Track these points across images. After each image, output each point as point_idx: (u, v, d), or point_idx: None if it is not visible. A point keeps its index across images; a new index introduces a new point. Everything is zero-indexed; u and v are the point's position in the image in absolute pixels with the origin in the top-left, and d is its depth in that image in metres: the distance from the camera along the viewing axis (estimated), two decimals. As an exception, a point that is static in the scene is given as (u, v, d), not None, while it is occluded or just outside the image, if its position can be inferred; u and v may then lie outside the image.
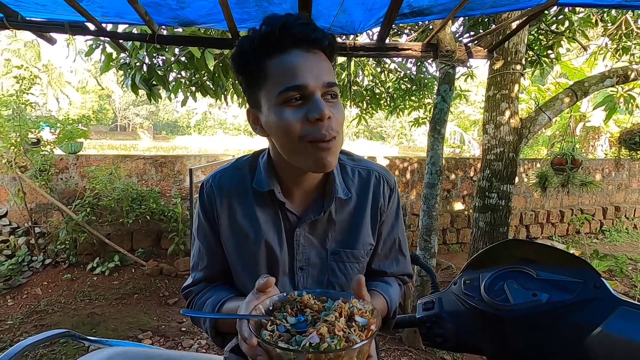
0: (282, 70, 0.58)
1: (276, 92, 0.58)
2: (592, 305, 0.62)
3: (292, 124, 0.58)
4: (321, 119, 0.57)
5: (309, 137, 0.58)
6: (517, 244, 0.81)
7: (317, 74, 0.58)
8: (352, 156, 0.77)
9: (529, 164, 5.18)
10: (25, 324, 2.52)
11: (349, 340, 0.46)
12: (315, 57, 0.59)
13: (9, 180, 3.35)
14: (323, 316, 0.51)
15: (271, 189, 0.68)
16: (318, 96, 0.58)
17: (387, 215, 0.76)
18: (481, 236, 2.90)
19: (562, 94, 2.78)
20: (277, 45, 0.58)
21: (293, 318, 0.51)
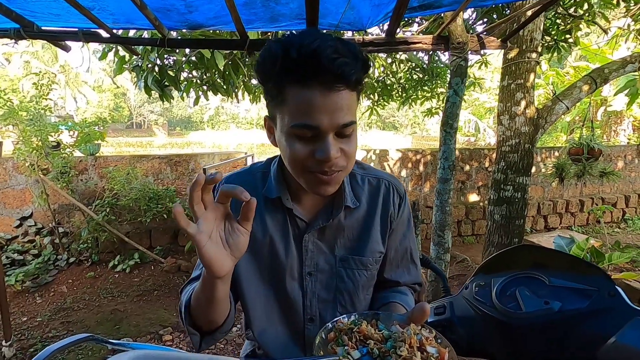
0: (299, 103, 0.56)
1: (290, 122, 0.57)
2: (606, 314, 0.61)
3: (299, 155, 0.58)
4: (327, 160, 0.57)
5: (313, 170, 0.59)
6: (529, 249, 0.80)
7: (334, 115, 0.56)
8: (362, 165, 0.78)
9: (547, 152, 5.04)
10: (53, 321, 2.64)
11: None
12: (337, 95, 0.55)
13: (32, 182, 3.48)
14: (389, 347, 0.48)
15: (279, 196, 0.69)
16: (329, 138, 0.57)
17: (397, 224, 0.76)
18: (496, 229, 2.86)
19: (580, 82, 2.69)
20: (300, 75, 0.55)
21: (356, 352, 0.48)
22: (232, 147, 18.77)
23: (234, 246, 0.52)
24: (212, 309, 0.60)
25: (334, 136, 0.57)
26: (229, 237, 0.52)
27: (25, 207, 3.54)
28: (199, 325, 0.64)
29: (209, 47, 2.06)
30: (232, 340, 2.48)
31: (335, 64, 0.53)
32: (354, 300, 0.73)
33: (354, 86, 0.57)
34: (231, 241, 0.52)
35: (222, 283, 0.55)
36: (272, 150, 18.15)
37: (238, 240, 0.52)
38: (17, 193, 3.51)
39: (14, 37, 1.81)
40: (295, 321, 0.73)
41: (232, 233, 0.52)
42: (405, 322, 0.54)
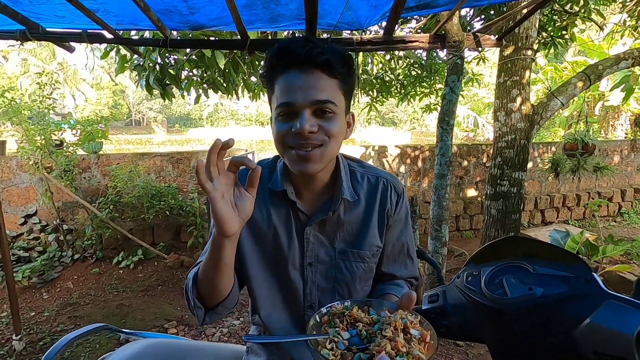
0: (280, 88, 0.66)
1: (275, 106, 0.67)
2: (583, 298, 0.66)
3: (280, 132, 0.67)
4: (301, 133, 0.64)
5: (291, 144, 0.66)
6: (517, 241, 0.85)
7: (307, 92, 0.64)
8: (362, 163, 0.83)
9: (544, 147, 5.10)
10: (61, 315, 2.71)
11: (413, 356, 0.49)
12: (310, 76, 0.65)
13: (36, 180, 3.53)
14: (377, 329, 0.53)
15: (284, 189, 0.75)
16: (305, 112, 0.64)
17: (395, 220, 0.81)
18: (493, 223, 2.92)
19: (574, 79, 2.73)
20: (279, 67, 0.66)
21: (346, 333, 0.53)
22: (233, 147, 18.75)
23: (241, 208, 0.59)
24: (219, 274, 0.65)
25: (311, 113, 0.65)
26: (237, 200, 0.59)
27: (30, 204, 3.59)
28: (204, 299, 0.69)
29: (211, 47, 2.11)
30: (235, 332, 2.54)
31: (305, 49, 0.64)
32: (351, 291, 0.78)
33: (329, 72, 0.66)
34: (239, 204, 0.59)
35: (229, 244, 0.61)
36: (270, 147, 18.16)
37: (245, 204, 0.59)
38: (22, 191, 3.56)
39: (20, 39, 1.85)
40: (297, 307, 0.78)
41: (240, 197, 0.59)
42: (395, 309, 0.59)
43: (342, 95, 0.69)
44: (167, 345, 0.98)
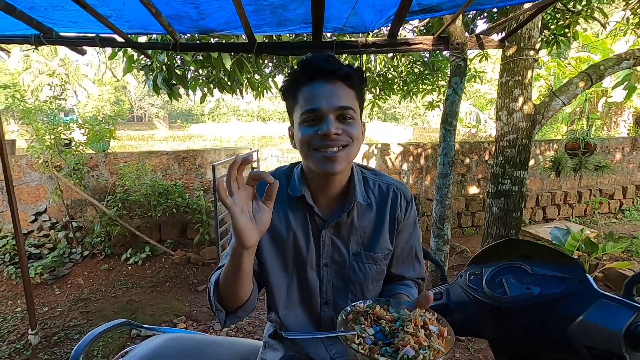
0: (306, 97, 0.74)
1: (300, 113, 0.73)
2: (577, 297, 0.71)
3: (307, 136, 0.73)
4: (327, 135, 0.70)
5: (316, 146, 0.72)
6: (516, 243, 0.91)
7: (331, 99, 0.72)
8: (375, 171, 0.89)
9: (546, 145, 5.13)
10: (73, 311, 2.79)
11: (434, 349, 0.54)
12: (334, 86, 0.73)
13: (46, 179, 3.60)
14: (399, 326, 0.58)
15: (302, 195, 0.80)
16: (330, 117, 0.71)
17: (404, 225, 0.87)
18: (495, 221, 2.97)
19: (576, 78, 2.77)
20: (305, 78, 0.74)
21: (371, 329, 0.59)
22: (233, 140, 18.82)
23: (259, 221, 0.63)
24: (238, 281, 0.70)
25: (335, 118, 0.72)
26: (256, 213, 0.64)
27: (40, 202, 3.66)
28: (225, 303, 0.75)
29: (220, 50, 2.15)
30: (242, 327, 2.62)
31: (328, 64, 0.73)
32: (363, 290, 0.84)
33: (349, 83, 0.74)
34: (258, 217, 0.63)
35: (248, 254, 0.66)
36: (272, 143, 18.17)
37: (263, 216, 0.64)
38: (32, 189, 3.63)
39: (35, 43, 1.90)
40: (313, 305, 0.84)
41: (258, 210, 0.64)
42: (412, 307, 0.65)
43: (358, 104, 0.77)
44: (187, 340, 1.04)
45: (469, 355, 2.27)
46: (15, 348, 2.32)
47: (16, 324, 2.60)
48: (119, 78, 25.56)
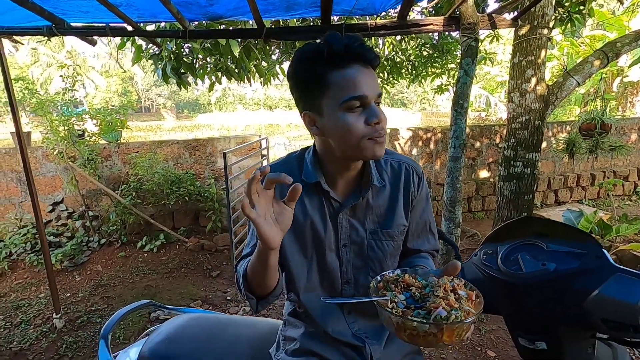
0: (344, 81, 0.70)
1: (340, 100, 0.70)
2: (593, 272, 0.72)
3: (355, 126, 0.71)
4: (379, 122, 0.71)
5: (369, 135, 0.72)
6: (531, 221, 0.91)
7: (373, 86, 0.72)
8: (386, 150, 0.90)
9: (559, 127, 5.03)
10: (94, 296, 2.89)
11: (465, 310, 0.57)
12: (370, 72, 0.72)
13: (62, 169, 3.68)
14: (428, 292, 0.61)
15: (318, 181, 0.81)
16: (374, 104, 0.72)
17: (418, 200, 0.88)
18: (506, 204, 2.96)
19: (591, 57, 2.70)
20: (337, 61, 0.70)
21: (402, 295, 0.62)
22: (241, 129, 18.84)
23: (282, 222, 0.65)
24: (266, 275, 0.73)
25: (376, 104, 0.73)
26: (278, 216, 0.65)
27: (57, 192, 3.76)
28: (254, 291, 0.78)
29: (229, 37, 2.15)
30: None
31: (364, 48, 0.71)
32: (382, 266, 0.86)
33: (374, 69, 0.75)
34: (280, 219, 0.65)
35: (274, 253, 0.69)
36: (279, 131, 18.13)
37: (285, 217, 0.65)
38: (48, 180, 3.72)
39: (47, 34, 1.92)
40: (334, 284, 0.86)
41: (280, 213, 0.65)
42: (440, 275, 0.68)
43: None
44: (209, 319, 1.09)
45: (481, 336, 2.30)
46: (41, 331, 2.43)
47: (41, 309, 2.71)
48: (126, 69, 25.64)
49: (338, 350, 0.84)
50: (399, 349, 0.86)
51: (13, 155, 3.61)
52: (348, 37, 0.71)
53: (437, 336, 0.56)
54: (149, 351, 0.96)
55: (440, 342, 0.56)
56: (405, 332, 0.58)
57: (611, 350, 0.78)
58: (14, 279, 3.21)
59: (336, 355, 0.84)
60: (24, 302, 2.82)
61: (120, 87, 29.34)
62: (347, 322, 0.86)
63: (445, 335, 0.56)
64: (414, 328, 0.56)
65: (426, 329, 0.55)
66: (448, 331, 0.55)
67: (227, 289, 3.00)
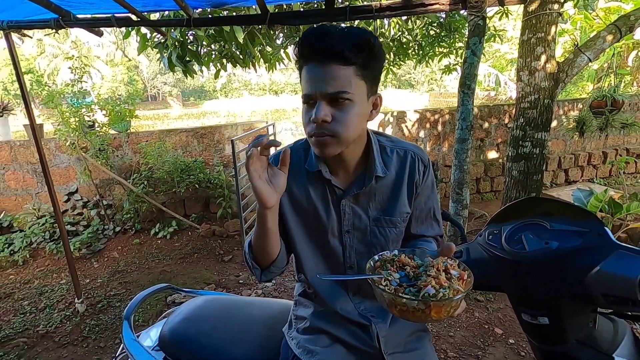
0: (304, 79, 0.74)
1: (302, 94, 0.76)
2: (594, 250, 0.74)
3: (305, 121, 0.76)
4: (316, 122, 0.72)
5: (311, 133, 0.75)
6: (536, 201, 0.92)
7: (321, 85, 0.71)
8: (391, 138, 0.91)
9: (569, 105, 4.93)
10: (112, 281, 3.00)
11: (454, 289, 0.60)
12: (325, 68, 0.70)
13: (74, 160, 3.76)
14: (422, 271, 0.64)
15: (319, 170, 0.84)
16: (321, 103, 0.72)
17: (423, 188, 0.89)
18: (514, 185, 2.95)
19: (604, 32, 2.62)
20: (303, 58, 0.74)
21: (396, 274, 0.65)
22: (247, 115, 18.78)
23: (276, 184, 0.72)
24: (266, 239, 0.79)
25: (327, 103, 0.72)
26: (272, 178, 0.72)
27: (71, 183, 3.86)
28: (258, 261, 0.84)
29: (233, 23, 2.14)
30: (269, 293, 2.77)
31: (323, 42, 0.69)
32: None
33: (344, 61, 0.70)
34: (274, 181, 0.72)
35: (271, 214, 0.75)
36: (285, 116, 18.05)
37: (279, 180, 0.73)
38: (62, 171, 3.81)
39: (54, 27, 1.94)
40: (338, 269, 0.89)
41: (274, 176, 0.73)
42: (435, 256, 0.70)
43: (360, 80, 0.73)
44: (225, 300, 1.14)
45: (488, 314, 2.35)
46: (65, 315, 2.55)
47: (63, 294, 2.84)
48: (131, 58, 25.58)
49: (346, 329, 0.88)
50: (405, 328, 0.89)
51: (27, 147, 3.69)
52: (311, 30, 0.72)
53: (425, 312, 0.59)
54: (169, 331, 1.02)
55: (429, 318, 0.60)
56: (396, 308, 0.61)
57: (612, 323, 0.81)
58: (35, 266, 3.35)
59: (344, 333, 0.88)
60: (46, 288, 2.95)
61: (126, 76, 29.33)
62: (353, 303, 0.89)
63: (433, 312, 0.59)
64: (404, 304, 0.59)
65: (415, 305, 0.58)
66: (435, 308, 0.58)
67: (239, 272, 3.09)
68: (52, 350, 2.23)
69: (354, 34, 0.70)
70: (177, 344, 0.99)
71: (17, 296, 2.85)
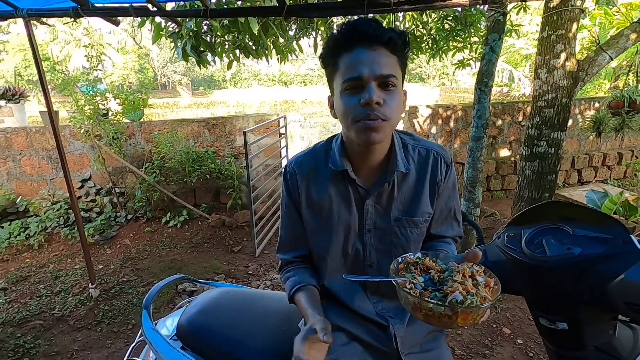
0: (347, 64, 0.73)
1: (341, 82, 0.74)
2: (618, 257, 0.73)
3: (349, 105, 0.73)
4: (369, 103, 0.71)
5: (359, 118, 0.72)
6: (557, 205, 0.91)
7: (373, 67, 0.71)
8: (414, 136, 0.90)
9: (586, 103, 4.83)
10: (124, 268, 3.06)
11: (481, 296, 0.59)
12: (374, 52, 0.72)
13: (88, 147, 3.81)
14: (447, 276, 0.64)
15: (345, 169, 0.83)
16: (372, 85, 0.71)
17: (444, 188, 0.89)
18: (527, 184, 2.91)
19: (627, 30, 2.55)
20: (346, 44, 0.73)
21: (421, 277, 0.65)
22: (256, 105, 18.78)
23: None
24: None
25: (377, 86, 0.72)
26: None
27: (84, 170, 3.91)
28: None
29: (250, 15, 2.13)
30: (277, 285, 2.80)
31: (370, 29, 0.71)
32: (405, 252, 0.87)
33: (391, 49, 0.73)
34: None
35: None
36: (294, 107, 17.99)
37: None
38: (77, 158, 3.87)
39: (73, 16, 1.95)
40: (358, 267, 0.89)
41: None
42: (460, 261, 0.70)
43: (400, 70, 0.76)
44: (240, 293, 1.16)
45: (497, 314, 2.35)
46: (79, 299, 2.61)
47: (77, 279, 2.90)
48: (142, 45, 25.60)
49: (364, 327, 0.89)
50: (422, 328, 0.90)
51: (43, 133, 3.75)
52: (357, 20, 0.73)
53: (451, 319, 0.58)
54: (186, 321, 1.04)
55: (455, 324, 0.59)
56: (421, 312, 0.60)
57: (632, 331, 0.80)
58: (50, 251, 3.42)
59: (362, 331, 0.88)
60: (61, 272, 3.02)
61: (137, 64, 29.42)
62: (371, 302, 0.90)
63: (459, 319, 0.58)
64: (430, 309, 0.58)
65: (441, 311, 0.58)
66: (462, 315, 0.58)
67: (248, 263, 3.13)
68: (67, 334, 2.29)
69: (395, 30, 0.73)
70: (194, 334, 1.01)
71: (33, 279, 2.93)
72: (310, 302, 0.83)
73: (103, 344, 2.19)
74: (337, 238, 0.88)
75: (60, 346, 2.18)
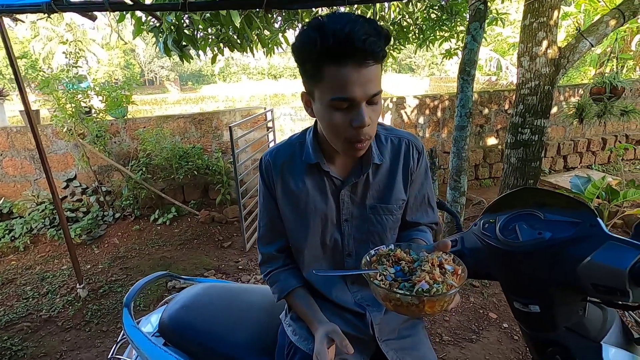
0: (336, 79, 0.66)
1: (329, 96, 0.69)
2: (586, 240, 0.75)
3: (339, 126, 0.71)
4: (362, 127, 0.70)
5: (352, 138, 0.72)
6: (531, 191, 0.93)
7: (366, 87, 0.66)
8: (384, 126, 0.91)
9: (571, 90, 4.89)
10: (113, 267, 3.04)
11: (447, 284, 0.61)
12: (367, 70, 0.66)
13: (72, 146, 3.75)
14: (417, 266, 0.65)
15: (317, 162, 0.84)
16: (363, 106, 0.68)
17: (417, 175, 0.90)
18: (512, 172, 2.95)
19: (607, 16, 2.57)
20: (336, 57, 0.65)
21: (392, 268, 0.66)
22: (246, 100, 18.58)
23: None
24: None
25: (366, 105, 0.69)
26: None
27: (69, 169, 3.85)
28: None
29: (228, 8, 2.10)
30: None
31: (366, 44, 0.63)
32: (382, 239, 0.89)
33: (380, 59, 0.68)
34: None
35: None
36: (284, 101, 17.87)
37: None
38: (60, 157, 3.80)
39: (47, 11, 1.90)
40: (337, 257, 0.90)
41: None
42: (431, 250, 0.71)
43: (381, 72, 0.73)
44: (222, 288, 1.16)
45: (483, 299, 2.39)
46: (67, 300, 2.59)
47: (65, 280, 2.88)
48: (127, 41, 25.07)
49: (341, 317, 0.89)
50: (399, 315, 0.91)
51: (24, 133, 3.67)
52: (352, 23, 0.63)
53: (419, 307, 0.60)
54: (168, 318, 1.04)
55: (423, 313, 0.61)
56: (391, 302, 0.62)
57: (601, 311, 0.82)
58: (36, 252, 3.38)
59: (338, 321, 0.89)
60: (48, 273, 2.99)
61: (123, 59, 28.83)
62: (350, 292, 0.91)
63: (426, 307, 0.60)
64: (398, 299, 0.60)
65: (408, 300, 0.59)
66: (429, 303, 0.60)
67: (238, 258, 3.13)
68: (56, 335, 2.28)
69: (380, 28, 0.66)
70: (176, 330, 1.01)
71: (19, 282, 2.89)
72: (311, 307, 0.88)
73: (92, 344, 2.18)
74: (314, 229, 0.88)
75: (48, 347, 2.17)
